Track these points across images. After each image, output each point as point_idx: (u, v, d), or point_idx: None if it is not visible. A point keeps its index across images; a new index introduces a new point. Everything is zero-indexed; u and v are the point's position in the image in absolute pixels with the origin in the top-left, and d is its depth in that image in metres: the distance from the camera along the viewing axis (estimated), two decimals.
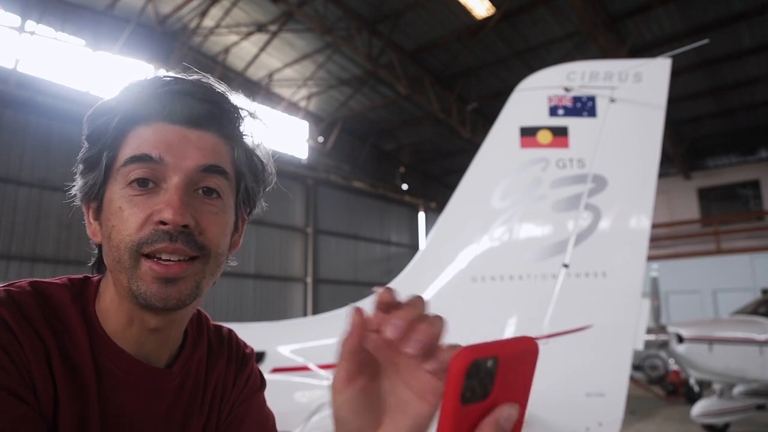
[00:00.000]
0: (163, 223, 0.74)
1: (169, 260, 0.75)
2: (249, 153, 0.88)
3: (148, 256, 0.74)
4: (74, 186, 0.84)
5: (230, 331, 1.05)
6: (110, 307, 0.81)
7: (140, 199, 0.76)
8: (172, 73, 0.83)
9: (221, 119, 0.83)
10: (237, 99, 0.87)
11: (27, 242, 11.45)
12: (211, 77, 0.85)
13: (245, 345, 1.05)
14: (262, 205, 0.96)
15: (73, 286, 0.82)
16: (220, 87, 0.85)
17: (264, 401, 1.04)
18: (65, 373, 0.74)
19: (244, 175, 0.88)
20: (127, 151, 0.78)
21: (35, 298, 0.76)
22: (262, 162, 0.91)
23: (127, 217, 0.75)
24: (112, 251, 0.76)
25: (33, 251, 11.50)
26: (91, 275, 0.87)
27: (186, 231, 0.75)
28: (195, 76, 0.84)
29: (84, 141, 0.82)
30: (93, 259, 0.88)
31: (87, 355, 0.77)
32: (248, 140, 0.89)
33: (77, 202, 0.85)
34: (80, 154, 0.83)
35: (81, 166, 0.83)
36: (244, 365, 1.02)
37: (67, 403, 0.73)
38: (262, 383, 1.06)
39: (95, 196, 0.81)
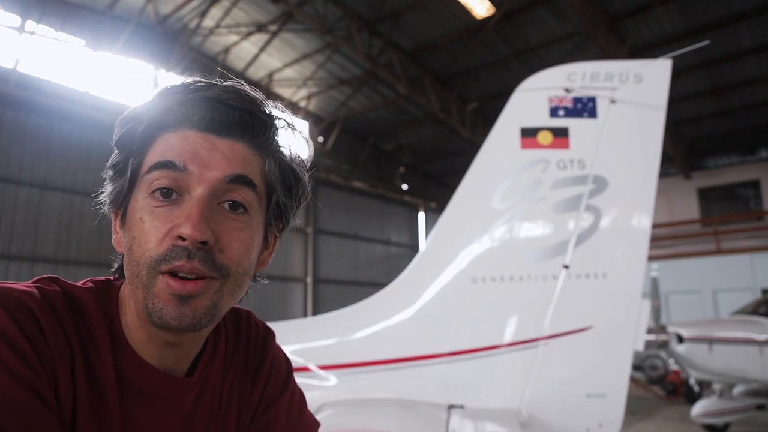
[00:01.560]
0: (182, 238, 0.69)
1: (186, 277, 0.70)
2: (282, 165, 0.83)
3: (165, 273, 0.70)
4: (103, 192, 0.81)
5: (248, 313, 0.99)
6: (131, 318, 0.78)
7: (162, 210, 0.72)
8: (204, 79, 0.79)
9: (253, 128, 0.78)
10: (272, 108, 0.82)
11: (27, 242, 11.45)
12: (245, 84, 0.80)
13: (265, 329, 1.00)
14: (296, 221, 0.91)
15: (97, 291, 0.80)
16: (254, 94, 0.80)
17: (291, 399, 0.98)
18: (86, 381, 0.72)
19: (276, 189, 0.83)
20: (152, 157, 0.74)
21: (65, 301, 0.74)
22: (296, 175, 0.85)
23: (148, 229, 0.71)
24: (132, 265, 0.73)
25: (33, 251, 11.50)
26: (112, 278, 0.84)
27: (205, 248, 0.71)
28: (228, 82, 0.79)
29: (114, 146, 0.79)
30: (116, 266, 0.84)
31: (109, 365, 0.75)
32: (282, 152, 0.83)
33: (105, 209, 0.82)
34: (110, 159, 0.79)
35: (110, 172, 0.79)
36: (264, 357, 0.96)
37: (85, 413, 0.70)
38: (288, 374, 1.00)
39: (121, 203, 0.78)
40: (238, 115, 0.76)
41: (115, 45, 12.63)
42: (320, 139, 18.38)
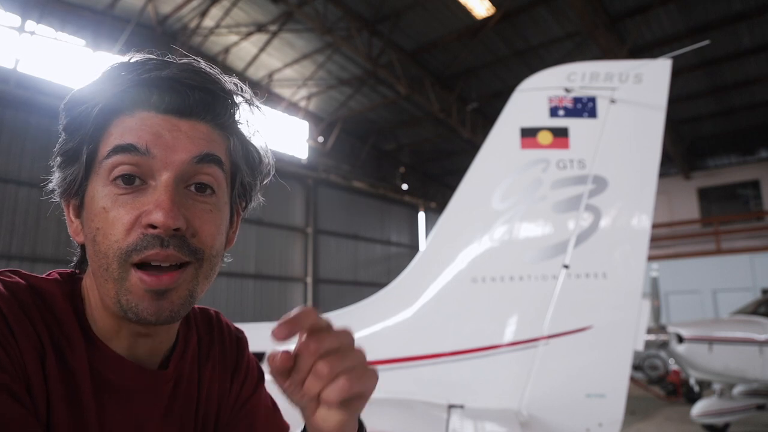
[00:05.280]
0: (153, 226, 0.67)
1: (160, 267, 0.68)
2: (245, 144, 0.81)
3: (138, 266, 0.68)
4: (52, 181, 0.77)
5: (217, 313, 0.97)
6: (96, 309, 0.75)
7: (126, 198, 0.69)
8: (158, 57, 0.75)
9: (215, 107, 0.75)
10: (231, 84, 0.78)
11: (27, 242, 11.45)
12: (202, 60, 0.77)
13: (237, 330, 0.99)
14: (260, 199, 0.89)
15: (64, 283, 0.77)
16: (213, 71, 0.76)
17: (266, 396, 0.98)
18: (59, 375, 0.69)
19: (241, 168, 0.80)
20: (110, 141, 0.70)
21: (31, 294, 0.71)
22: (258, 153, 0.83)
23: (113, 219, 0.68)
24: (99, 257, 0.69)
25: (33, 251, 11.50)
26: (76, 271, 0.81)
27: (178, 234, 0.68)
28: (184, 60, 0.75)
29: (61, 131, 0.75)
30: (75, 259, 0.81)
31: (83, 358, 0.72)
32: (244, 129, 0.81)
33: (56, 198, 0.78)
34: (58, 146, 0.75)
35: (59, 159, 0.75)
36: (241, 355, 0.96)
37: (60, 408, 0.68)
38: (260, 375, 0.99)
39: (76, 192, 0.74)
40: (199, 94, 0.73)
41: (115, 45, 12.63)
42: (320, 139, 18.39)
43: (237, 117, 0.79)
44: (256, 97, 0.84)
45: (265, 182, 0.87)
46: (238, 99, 0.79)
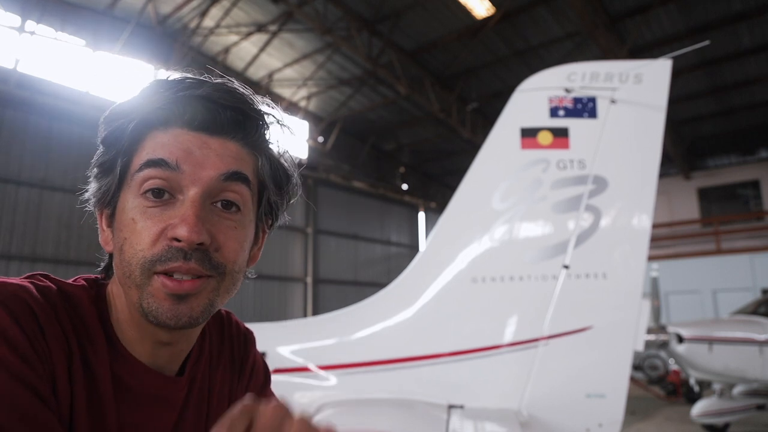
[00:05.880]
0: (177, 239, 0.69)
1: (182, 278, 0.71)
2: (274, 163, 0.83)
3: (160, 273, 0.70)
4: (88, 190, 0.80)
5: (228, 313, 1.00)
6: (121, 316, 0.78)
7: (155, 211, 0.71)
8: (194, 76, 0.78)
9: (245, 126, 0.78)
10: (262, 105, 0.82)
11: (27, 242, 11.45)
12: (235, 81, 0.80)
13: (246, 329, 1.01)
14: (285, 218, 0.91)
15: (90, 288, 0.79)
16: (245, 91, 0.79)
17: (272, 393, 0.99)
18: (84, 379, 0.71)
19: (268, 186, 0.83)
20: (143, 155, 0.73)
21: (61, 298, 0.73)
22: (286, 173, 0.86)
23: (141, 230, 0.71)
24: (123, 265, 0.72)
25: (33, 251, 11.50)
26: (101, 277, 0.83)
27: (201, 248, 0.71)
28: (218, 80, 0.78)
29: (99, 144, 0.78)
30: (102, 265, 0.84)
31: (105, 362, 0.74)
32: (273, 149, 0.83)
33: (90, 207, 0.81)
34: (95, 157, 0.79)
35: (96, 170, 0.78)
36: (247, 354, 0.97)
37: (82, 411, 0.70)
38: (267, 376, 1.01)
39: (109, 202, 0.77)
40: (230, 113, 0.76)
41: (115, 45, 12.63)
42: (320, 139, 18.39)
43: (267, 137, 0.82)
44: (288, 115, 0.85)
45: (291, 201, 0.90)
46: (268, 119, 0.82)
